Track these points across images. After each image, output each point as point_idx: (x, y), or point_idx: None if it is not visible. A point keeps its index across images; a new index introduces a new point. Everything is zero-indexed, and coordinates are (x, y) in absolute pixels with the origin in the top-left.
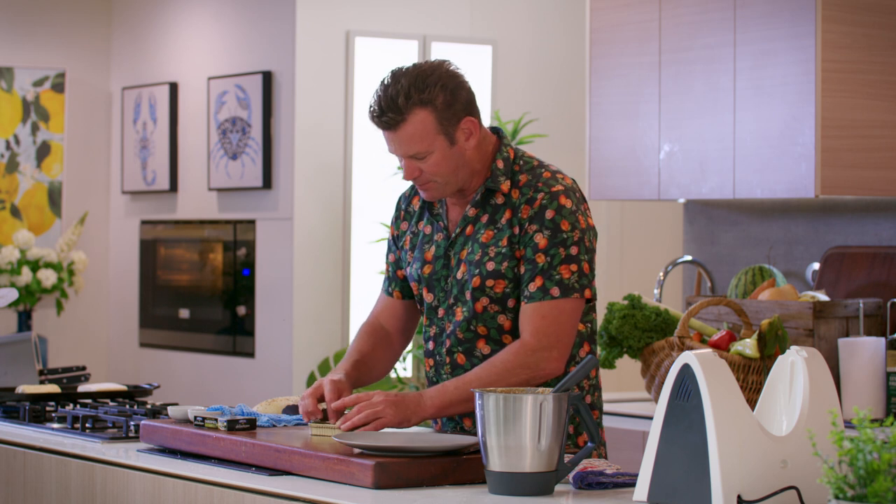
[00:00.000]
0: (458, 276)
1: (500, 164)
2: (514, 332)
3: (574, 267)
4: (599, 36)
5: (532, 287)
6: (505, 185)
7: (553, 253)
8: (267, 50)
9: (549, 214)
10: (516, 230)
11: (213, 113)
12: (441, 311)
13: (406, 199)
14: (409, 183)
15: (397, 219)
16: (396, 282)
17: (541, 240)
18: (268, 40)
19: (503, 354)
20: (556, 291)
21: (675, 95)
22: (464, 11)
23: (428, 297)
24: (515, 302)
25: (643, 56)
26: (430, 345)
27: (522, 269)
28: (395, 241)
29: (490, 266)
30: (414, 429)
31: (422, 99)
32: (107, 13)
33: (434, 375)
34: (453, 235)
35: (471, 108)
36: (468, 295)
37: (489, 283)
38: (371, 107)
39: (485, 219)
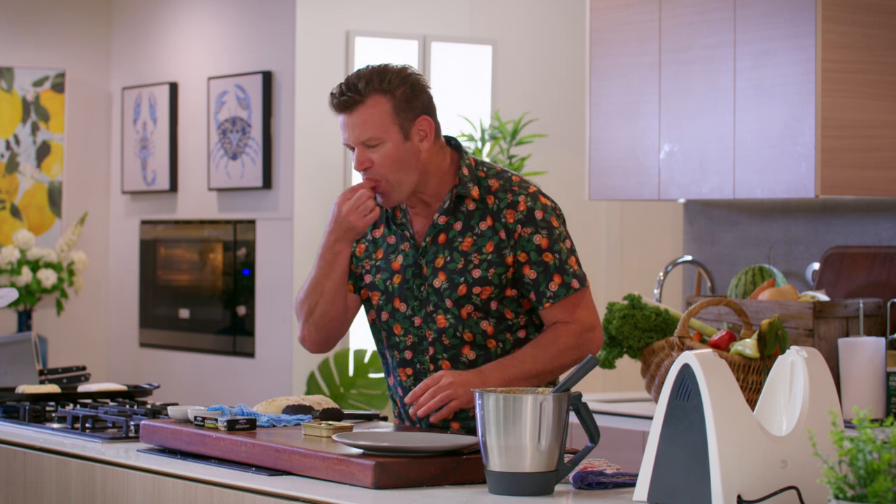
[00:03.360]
0: (436, 284)
1: (466, 171)
2: (497, 337)
3: (575, 259)
4: (599, 36)
5: (553, 286)
6: (475, 191)
7: (557, 249)
8: (267, 50)
9: (538, 215)
10: (503, 234)
11: (213, 113)
12: (418, 321)
13: None
14: None
15: None
16: (349, 274)
17: (541, 240)
18: (268, 40)
19: (553, 335)
20: (575, 284)
21: (675, 95)
22: (464, 11)
23: (401, 307)
24: (498, 305)
25: (643, 56)
26: (408, 354)
27: (534, 273)
28: None
29: (476, 273)
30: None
31: (382, 87)
32: (107, 13)
33: (413, 385)
34: (423, 245)
35: (429, 111)
36: (449, 303)
37: (476, 290)
38: (332, 92)
39: (458, 226)
